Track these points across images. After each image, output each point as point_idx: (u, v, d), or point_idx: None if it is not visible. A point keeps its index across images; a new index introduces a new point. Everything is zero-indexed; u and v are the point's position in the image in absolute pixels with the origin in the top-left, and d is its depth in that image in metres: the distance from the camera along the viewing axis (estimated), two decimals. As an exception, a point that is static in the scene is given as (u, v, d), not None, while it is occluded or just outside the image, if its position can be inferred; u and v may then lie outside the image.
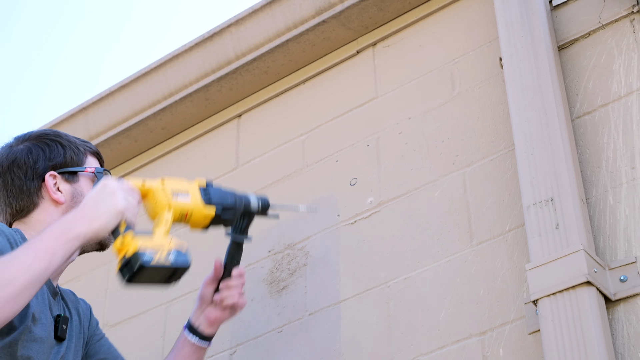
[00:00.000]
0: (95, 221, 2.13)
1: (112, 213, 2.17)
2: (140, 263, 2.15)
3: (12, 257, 2.00)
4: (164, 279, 2.22)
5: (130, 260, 2.16)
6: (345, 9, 3.11)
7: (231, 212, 2.42)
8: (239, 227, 2.46)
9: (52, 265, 2.02)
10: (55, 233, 2.08)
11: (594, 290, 2.18)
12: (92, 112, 3.57)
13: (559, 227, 2.28)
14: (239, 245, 2.48)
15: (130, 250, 2.17)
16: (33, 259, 2.00)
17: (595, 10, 2.63)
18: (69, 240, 2.07)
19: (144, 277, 2.18)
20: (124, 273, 2.17)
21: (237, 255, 2.48)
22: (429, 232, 2.65)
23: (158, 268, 2.18)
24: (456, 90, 2.84)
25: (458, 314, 2.48)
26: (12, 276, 1.95)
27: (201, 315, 2.51)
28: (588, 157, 2.46)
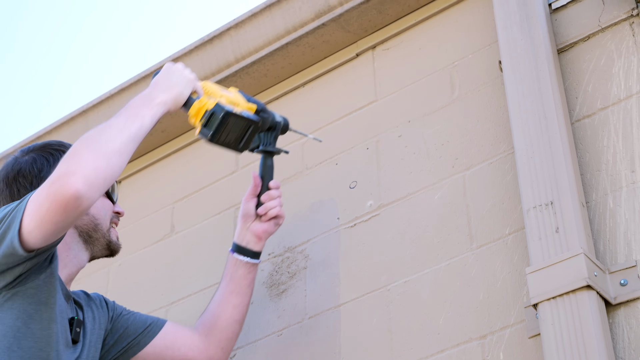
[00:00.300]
0: (172, 89, 2.39)
1: (185, 82, 2.43)
2: (225, 110, 2.41)
3: (107, 123, 2.21)
4: (239, 136, 2.46)
5: (214, 111, 2.42)
6: (344, 12, 3.11)
7: (266, 115, 2.61)
8: (267, 141, 2.66)
9: (143, 127, 2.24)
10: (139, 103, 2.30)
11: (594, 294, 2.17)
12: (92, 115, 3.57)
13: (559, 230, 2.28)
14: (271, 156, 2.67)
15: (211, 104, 2.43)
16: (125, 122, 2.22)
17: (595, 13, 2.63)
18: (153, 106, 2.30)
19: (226, 130, 2.42)
20: (209, 126, 2.42)
21: (270, 169, 2.68)
22: (428, 235, 2.65)
23: (238, 118, 2.44)
24: (456, 93, 2.84)
25: (458, 317, 2.48)
26: (110, 136, 2.16)
27: (247, 233, 2.66)
28: (588, 160, 2.46)
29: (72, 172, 2.06)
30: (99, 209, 2.46)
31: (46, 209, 2.07)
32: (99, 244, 2.46)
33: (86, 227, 2.43)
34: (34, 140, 3.68)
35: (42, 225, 2.08)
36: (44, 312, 2.18)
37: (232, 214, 3.16)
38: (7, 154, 3.72)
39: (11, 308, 2.15)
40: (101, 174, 2.09)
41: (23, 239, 2.10)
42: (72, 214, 2.07)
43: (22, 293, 2.16)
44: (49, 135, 3.66)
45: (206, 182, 3.33)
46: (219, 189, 3.27)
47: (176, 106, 2.40)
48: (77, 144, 2.13)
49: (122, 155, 2.16)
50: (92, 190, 2.07)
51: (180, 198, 3.37)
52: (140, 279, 3.29)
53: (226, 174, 3.29)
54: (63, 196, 2.04)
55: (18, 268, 2.14)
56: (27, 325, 2.15)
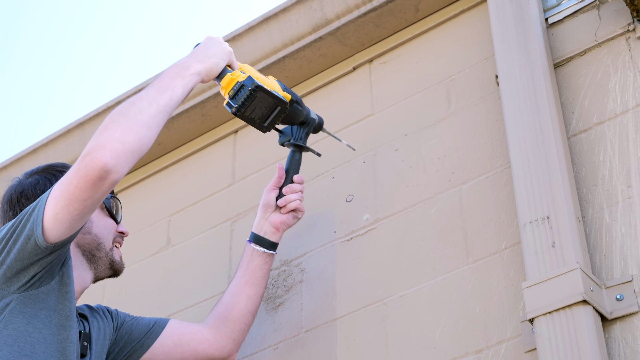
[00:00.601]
0: (208, 60, 2.43)
1: (222, 54, 2.47)
2: (256, 84, 2.44)
3: (138, 96, 2.24)
4: (265, 114, 2.49)
5: (244, 83, 2.45)
6: (341, 26, 3.12)
7: (300, 108, 2.65)
8: (298, 135, 2.70)
9: (174, 98, 2.27)
10: (172, 73, 2.33)
11: (590, 309, 2.17)
12: (88, 128, 3.57)
13: (555, 245, 2.28)
14: (300, 151, 2.71)
15: (243, 77, 2.47)
16: (155, 94, 2.25)
17: (591, 28, 2.64)
18: (186, 76, 2.34)
19: (252, 104, 2.45)
20: (237, 98, 2.45)
21: (297, 163, 2.71)
22: (425, 249, 2.65)
23: (266, 94, 2.46)
24: (452, 107, 2.84)
25: (454, 331, 2.48)
26: (140, 108, 2.19)
27: (266, 223, 2.68)
28: (584, 175, 2.46)
29: (100, 146, 2.10)
30: (102, 228, 2.48)
31: (75, 186, 2.10)
32: (102, 264, 2.47)
33: (89, 246, 2.45)
34: (36, 149, 3.68)
35: (70, 205, 2.11)
36: (53, 318, 2.20)
37: (228, 227, 3.16)
38: (9, 163, 3.73)
39: (22, 313, 2.16)
40: (129, 147, 2.13)
41: (45, 229, 2.12)
42: (100, 188, 2.10)
43: (34, 297, 2.18)
44: (50, 144, 3.66)
45: (202, 195, 3.33)
46: (216, 202, 3.27)
47: (209, 77, 2.43)
48: (107, 119, 2.17)
49: (151, 128, 2.19)
50: (121, 163, 2.10)
51: (177, 211, 3.37)
52: (136, 291, 3.29)
53: (223, 187, 3.29)
54: (92, 169, 2.08)
55: (33, 267, 2.16)
56: (39, 331, 2.17)
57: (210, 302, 3.03)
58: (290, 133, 2.71)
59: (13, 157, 3.73)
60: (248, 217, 3.13)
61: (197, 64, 2.39)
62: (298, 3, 3.19)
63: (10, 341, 2.13)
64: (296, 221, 2.72)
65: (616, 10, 2.61)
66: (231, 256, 3.09)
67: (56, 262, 2.20)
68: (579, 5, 2.69)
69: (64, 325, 2.22)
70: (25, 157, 3.71)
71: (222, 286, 3.04)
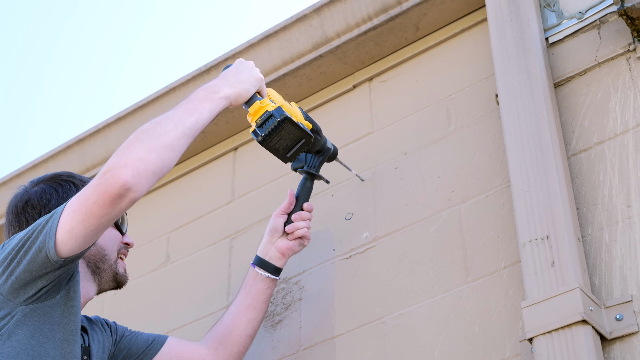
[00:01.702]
0: (238, 85, 2.43)
1: (252, 80, 2.48)
2: (285, 115, 2.44)
3: (164, 116, 2.24)
4: (290, 145, 2.50)
5: (273, 113, 2.45)
6: (341, 44, 3.12)
7: (319, 138, 2.68)
8: (312, 163, 2.72)
9: (200, 121, 2.27)
10: (201, 95, 2.33)
11: (589, 329, 2.17)
12: (88, 144, 3.58)
13: (555, 264, 2.28)
14: (312, 179, 2.72)
15: (272, 106, 2.47)
16: (182, 115, 2.24)
17: (592, 48, 2.65)
18: (214, 99, 2.34)
19: (279, 135, 2.46)
20: (265, 127, 2.45)
21: (308, 191, 2.72)
22: (424, 268, 2.65)
23: (294, 126, 2.47)
24: (452, 126, 2.84)
25: (453, 350, 2.47)
26: (166, 128, 2.19)
27: (272, 248, 2.68)
28: (584, 194, 2.46)
29: (122, 164, 2.10)
30: (107, 239, 2.47)
31: (93, 202, 2.09)
32: (106, 276, 2.47)
33: (93, 258, 2.45)
34: (36, 164, 3.68)
35: (86, 220, 2.11)
36: (57, 332, 2.19)
37: (227, 244, 3.16)
38: (8, 179, 3.73)
39: (26, 325, 2.16)
40: (151, 167, 2.12)
41: (57, 242, 2.12)
42: (118, 206, 2.10)
43: (39, 310, 2.17)
44: (50, 159, 3.66)
45: (202, 212, 3.33)
46: (215, 219, 3.27)
47: (238, 102, 2.43)
48: (131, 137, 2.16)
49: (174, 150, 2.19)
50: (141, 182, 2.10)
51: (176, 227, 3.37)
52: (135, 308, 3.28)
53: (222, 204, 3.29)
54: (112, 186, 2.08)
55: (41, 280, 2.15)
56: (42, 345, 2.16)
57: (209, 319, 3.03)
58: (305, 160, 2.72)
59: (13, 172, 3.73)
60: (247, 235, 3.13)
61: (227, 88, 2.39)
62: (298, 21, 3.20)
63: (13, 353, 2.13)
64: (302, 248, 2.72)
65: (617, 30, 2.62)
66: (230, 273, 3.09)
67: (64, 277, 2.19)
68: (579, 25, 2.70)
69: (67, 339, 2.21)
70: (25, 172, 3.70)
71: (221, 303, 3.03)
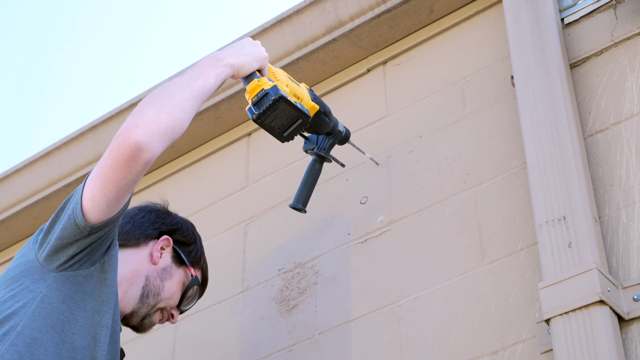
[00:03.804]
0: (242, 57, 2.44)
1: (256, 56, 2.48)
2: (279, 94, 2.42)
3: (171, 82, 2.28)
4: (285, 125, 2.48)
5: (268, 92, 2.43)
6: (355, 27, 3.11)
7: (328, 119, 2.65)
8: (322, 145, 2.70)
9: (207, 85, 2.31)
10: (206, 62, 2.37)
11: (607, 309, 2.15)
12: (101, 131, 3.57)
13: (572, 245, 2.26)
14: (321, 161, 2.71)
15: (268, 85, 2.45)
16: (189, 79, 2.29)
17: (608, 28, 2.62)
18: (219, 66, 2.37)
19: (273, 114, 2.44)
20: (259, 105, 2.43)
21: (316, 172, 2.70)
22: (440, 250, 2.64)
23: (289, 106, 2.44)
24: (467, 108, 2.83)
25: (469, 333, 2.46)
26: (174, 92, 2.24)
27: None
28: (601, 175, 2.45)
29: (133, 125, 2.14)
30: (170, 291, 2.54)
31: (109, 167, 2.14)
32: (142, 311, 2.51)
33: (153, 289, 2.51)
34: (49, 152, 3.68)
35: (105, 187, 2.15)
36: (88, 302, 2.25)
37: (242, 229, 3.16)
38: (22, 166, 3.73)
39: (58, 290, 2.22)
40: (162, 126, 2.16)
41: (84, 210, 2.17)
42: (134, 168, 2.13)
43: (71, 279, 2.23)
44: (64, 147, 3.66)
45: (216, 198, 3.32)
46: (229, 204, 3.26)
47: (239, 73, 2.44)
48: (141, 103, 2.21)
49: (184, 110, 2.23)
50: (153, 142, 2.13)
51: (191, 213, 3.36)
52: (150, 294, 3.28)
53: (236, 189, 3.28)
54: (125, 148, 2.11)
55: (72, 247, 2.21)
56: (72, 312, 2.22)
57: (224, 304, 3.02)
58: (316, 142, 2.71)
59: (27, 160, 3.73)
60: (262, 220, 3.12)
61: (231, 57, 2.41)
62: (311, 5, 3.18)
63: (45, 314, 2.19)
64: None
65: (633, 10, 2.59)
66: (245, 259, 3.08)
67: (96, 247, 2.25)
68: (595, 4, 2.68)
69: (98, 310, 2.27)
70: (38, 159, 3.70)
71: (236, 289, 3.03)
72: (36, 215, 3.73)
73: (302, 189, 2.69)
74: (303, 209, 2.66)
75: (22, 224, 3.76)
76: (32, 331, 2.16)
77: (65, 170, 3.63)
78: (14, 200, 3.74)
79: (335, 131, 2.70)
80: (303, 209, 2.66)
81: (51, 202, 3.67)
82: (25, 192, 3.72)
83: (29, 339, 2.15)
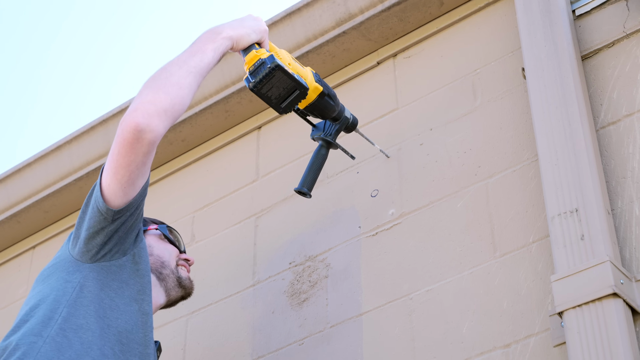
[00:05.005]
0: (241, 29, 2.49)
1: (255, 28, 2.52)
2: (275, 63, 2.45)
3: (170, 61, 2.34)
4: (283, 95, 2.50)
5: (264, 60, 2.46)
6: (365, 20, 3.10)
7: (332, 102, 2.65)
8: (329, 131, 2.70)
9: (204, 60, 2.36)
10: (204, 37, 2.42)
11: (620, 302, 2.15)
12: (112, 125, 3.57)
13: (584, 238, 2.26)
14: (327, 146, 2.69)
15: (266, 55, 2.48)
16: (186, 57, 2.35)
17: (620, 19, 2.61)
18: (217, 40, 2.42)
19: (270, 83, 2.46)
20: (256, 74, 2.46)
21: (322, 157, 2.69)
22: (451, 243, 2.63)
23: (285, 75, 2.46)
24: (478, 100, 2.82)
25: (482, 326, 2.46)
26: (171, 71, 2.30)
27: None
28: (613, 167, 2.44)
29: (133, 110, 2.22)
30: (162, 250, 2.61)
31: (117, 153, 2.23)
32: (170, 281, 2.59)
33: (154, 266, 2.57)
34: (60, 146, 3.68)
35: (117, 172, 2.24)
36: (125, 290, 2.35)
37: (252, 222, 3.15)
38: (33, 160, 3.73)
39: (95, 279, 2.32)
40: (161, 105, 2.23)
41: (105, 197, 2.27)
42: (140, 150, 2.22)
43: (106, 269, 2.34)
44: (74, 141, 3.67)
45: (226, 191, 3.32)
46: (240, 198, 3.26)
47: (239, 45, 2.49)
48: (142, 86, 2.28)
49: (182, 87, 2.29)
50: (154, 122, 2.21)
51: (201, 207, 3.36)
52: (161, 288, 3.28)
53: (247, 182, 3.28)
54: (127, 132, 2.20)
55: (99, 236, 2.30)
56: (112, 299, 2.33)
57: (235, 298, 3.02)
58: (323, 128, 2.71)
59: (38, 154, 3.73)
60: (272, 213, 3.12)
61: (229, 30, 2.47)
62: (321, -3, 3.18)
63: (86, 302, 2.29)
64: None
65: (645, 1, 2.58)
66: (255, 252, 3.08)
67: (123, 237, 2.34)
68: (606, -4, 2.67)
69: (135, 298, 2.36)
70: (49, 153, 3.71)
71: (247, 282, 3.03)
72: (47, 210, 3.74)
73: (308, 174, 2.67)
74: (308, 193, 2.65)
75: (33, 218, 3.77)
76: (77, 319, 2.26)
77: (76, 164, 3.63)
78: (25, 195, 3.74)
79: (342, 117, 2.70)
80: (308, 193, 2.65)
81: (62, 196, 3.68)
82: (36, 186, 3.72)
83: (75, 325, 2.25)
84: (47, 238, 3.79)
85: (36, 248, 3.83)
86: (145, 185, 2.33)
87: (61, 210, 3.74)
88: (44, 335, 2.23)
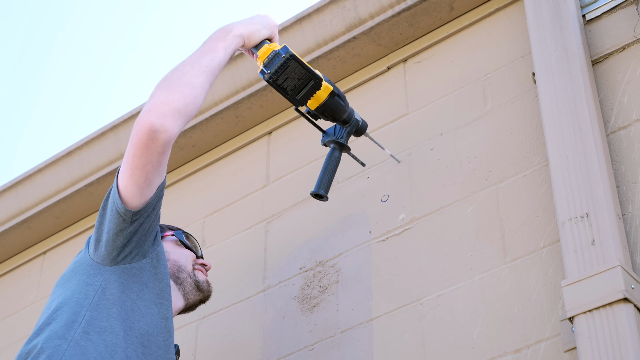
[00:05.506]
0: (251, 25, 2.53)
1: (265, 24, 2.57)
2: (290, 52, 2.49)
3: (182, 62, 2.38)
4: (298, 86, 2.53)
5: (279, 52, 2.50)
6: (375, 25, 3.10)
7: (342, 103, 2.65)
8: (340, 134, 2.71)
9: (216, 59, 2.40)
10: (215, 36, 2.46)
11: (631, 307, 2.14)
12: (123, 131, 3.58)
13: (595, 243, 2.25)
14: (340, 149, 2.70)
15: (279, 47, 2.52)
16: (198, 57, 2.39)
17: (630, 24, 2.61)
18: (227, 38, 2.45)
19: (285, 73, 2.49)
20: (270, 65, 2.49)
21: (335, 160, 2.69)
22: (462, 248, 2.63)
23: (300, 64, 2.50)
24: (488, 105, 2.82)
25: (492, 331, 2.45)
26: (183, 71, 2.34)
27: None
28: (624, 172, 2.43)
29: (146, 111, 2.24)
30: (179, 255, 2.64)
31: (132, 154, 2.25)
32: (188, 285, 2.62)
33: (172, 270, 2.59)
34: (70, 152, 3.69)
35: (133, 173, 2.27)
36: (146, 293, 2.38)
37: (262, 228, 3.15)
38: (44, 166, 3.74)
39: (117, 282, 2.35)
40: (174, 105, 2.25)
41: (123, 199, 2.31)
42: (155, 150, 2.24)
43: (127, 271, 2.37)
44: (85, 146, 3.67)
45: (237, 197, 3.32)
46: (250, 203, 3.26)
47: (250, 42, 2.52)
48: (155, 87, 2.31)
49: (195, 87, 2.31)
50: (167, 122, 2.23)
51: (211, 212, 3.36)
52: (171, 293, 3.28)
53: (257, 188, 3.28)
54: (141, 133, 2.23)
55: (119, 238, 2.33)
56: (134, 301, 2.35)
57: (245, 303, 3.02)
58: (333, 133, 2.71)
59: (48, 160, 3.74)
60: (283, 218, 3.12)
61: (240, 27, 2.49)
62: (331, 3, 3.18)
63: (109, 305, 2.32)
64: None
65: (655, 6, 2.58)
66: (266, 257, 3.08)
67: (142, 238, 2.37)
68: (616, 1, 2.66)
69: (155, 301, 2.39)
70: (60, 159, 3.72)
71: (257, 287, 3.03)
72: (58, 215, 3.75)
73: (323, 176, 2.67)
74: (325, 196, 2.63)
75: (44, 223, 3.78)
76: (100, 321, 2.29)
77: (86, 169, 3.64)
78: (36, 200, 3.75)
79: (352, 119, 2.70)
80: (325, 196, 2.63)
81: (73, 202, 3.69)
82: (47, 191, 3.73)
83: (99, 328, 2.28)
84: (58, 243, 3.80)
85: (47, 253, 3.84)
86: (162, 185, 2.35)
87: (72, 215, 3.75)
88: (68, 338, 2.25)
